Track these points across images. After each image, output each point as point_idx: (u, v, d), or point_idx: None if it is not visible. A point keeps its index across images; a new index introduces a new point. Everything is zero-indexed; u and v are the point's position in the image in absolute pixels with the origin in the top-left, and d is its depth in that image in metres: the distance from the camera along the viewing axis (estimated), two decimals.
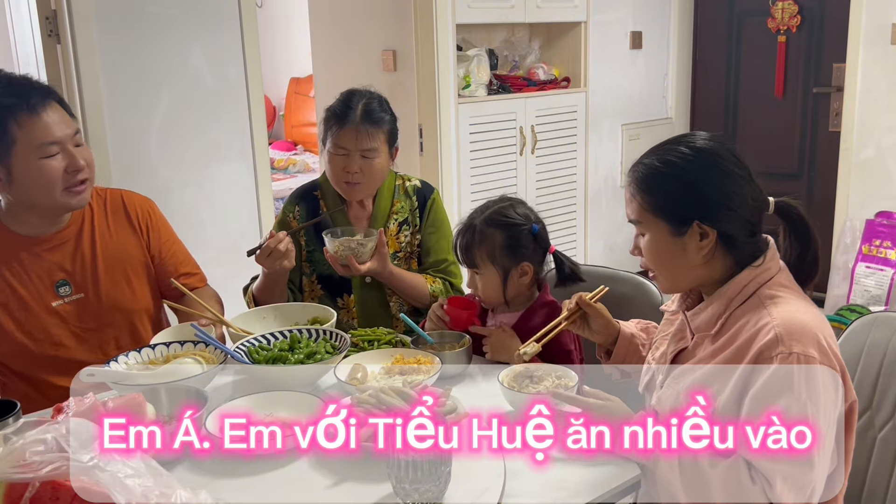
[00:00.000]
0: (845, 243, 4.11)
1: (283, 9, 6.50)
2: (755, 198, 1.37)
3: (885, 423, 1.60)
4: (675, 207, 1.35)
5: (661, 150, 1.40)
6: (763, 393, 1.25)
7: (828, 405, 1.25)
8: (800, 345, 1.24)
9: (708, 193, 1.34)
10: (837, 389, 1.27)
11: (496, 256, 1.82)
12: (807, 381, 1.23)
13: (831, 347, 1.28)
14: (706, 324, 1.38)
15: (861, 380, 1.64)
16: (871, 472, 1.61)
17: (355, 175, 2.10)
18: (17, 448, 0.91)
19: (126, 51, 2.94)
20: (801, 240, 1.41)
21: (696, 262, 1.36)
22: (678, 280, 1.41)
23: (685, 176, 1.35)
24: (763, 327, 1.28)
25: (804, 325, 1.27)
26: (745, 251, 1.36)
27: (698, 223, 1.33)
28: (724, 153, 1.36)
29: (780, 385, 1.23)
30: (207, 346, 1.74)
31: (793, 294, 1.35)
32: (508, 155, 4.05)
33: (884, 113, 4.00)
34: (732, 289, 1.35)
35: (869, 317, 1.68)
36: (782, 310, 1.30)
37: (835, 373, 1.26)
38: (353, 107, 2.10)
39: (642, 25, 4.60)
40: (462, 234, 1.87)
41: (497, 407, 1.61)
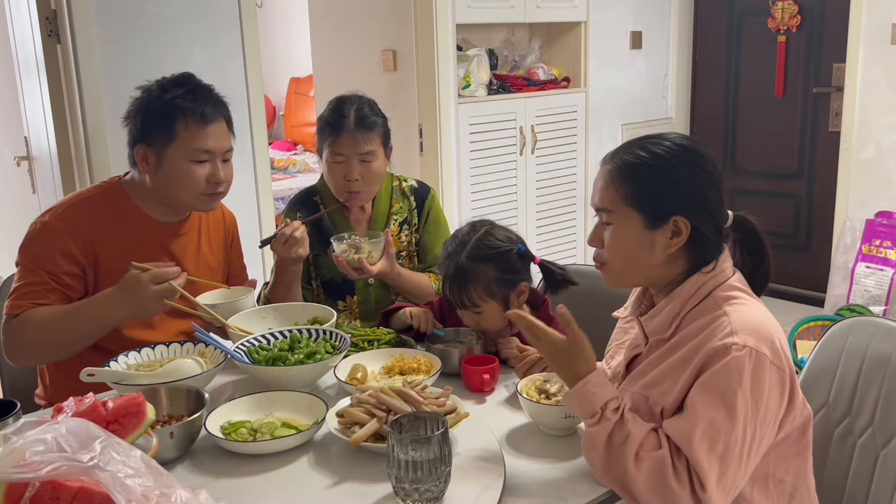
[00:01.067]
0: (845, 243, 4.11)
1: (283, 9, 6.50)
2: (723, 206, 1.38)
3: (865, 430, 1.59)
4: (655, 200, 1.34)
5: (644, 142, 1.39)
6: (712, 381, 1.25)
7: (770, 405, 1.25)
8: (754, 340, 1.25)
9: (689, 190, 1.34)
10: (783, 392, 1.27)
11: (493, 290, 1.76)
12: (754, 378, 1.23)
13: (784, 351, 1.29)
14: (661, 327, 1.37)
15: (840, 385, 1.63)
16: (850, 478, 1.60)
17: (356, 182, 2.12)
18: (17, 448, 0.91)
19: (126, 51, 2.94)
20: (755, 255, 1.43)
21: (660, 259, 1.36)
22: (631, 275, 1.40)
23: (671, 170, 1.34)
24: (719, 325, 1.29)
25: (760, 323, 1.28)
26: (705, 255, 1.36)
27: (675, 219, 1.33)
28: (706, 154, 1.37)
29: (730, 377, 1.23)
30: (207, 346, 1.74)
31: (748, 297, 1.35)
32: (508, 155, 4.05)
33: (884, 113, 4.00)
34: (687, 290, 1.35)
35: (847, 321, 1.67)
36: (738, 309, 1.31)
37: (783, 374, 1.27)
38: (346, 114, 2.12)
39: (642, 25, 4.60)
40: (450, 279, 1.78)
41: (498, 407, 1.61)
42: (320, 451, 1.43)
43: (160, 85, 1.90)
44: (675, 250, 1.35)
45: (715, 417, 1.22)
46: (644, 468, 1.23)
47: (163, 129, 1.85)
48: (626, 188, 1.35)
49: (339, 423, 1.42)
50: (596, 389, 1.30)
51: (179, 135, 1.85)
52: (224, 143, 1.92)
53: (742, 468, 1.24)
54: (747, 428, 1.23)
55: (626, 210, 1.35)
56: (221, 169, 1.92)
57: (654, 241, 1.35)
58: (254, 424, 1.46)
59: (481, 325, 1.81)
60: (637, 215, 1.35)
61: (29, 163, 3.43)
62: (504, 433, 1.49)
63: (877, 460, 1.56)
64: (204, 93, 1.90)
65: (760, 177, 4.71)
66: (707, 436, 1.22)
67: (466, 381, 1.69)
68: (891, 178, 4.04)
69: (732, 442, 1.22)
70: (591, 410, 1.28)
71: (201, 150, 1.87)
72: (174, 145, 1.85)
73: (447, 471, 1.23)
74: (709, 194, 1.35)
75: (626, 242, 1.36)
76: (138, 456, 0.97)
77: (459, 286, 1.77)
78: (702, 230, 1.34)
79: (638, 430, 1.26)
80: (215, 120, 1.89)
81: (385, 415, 1.39)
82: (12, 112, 3.54)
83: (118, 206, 1.92)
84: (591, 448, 1.27)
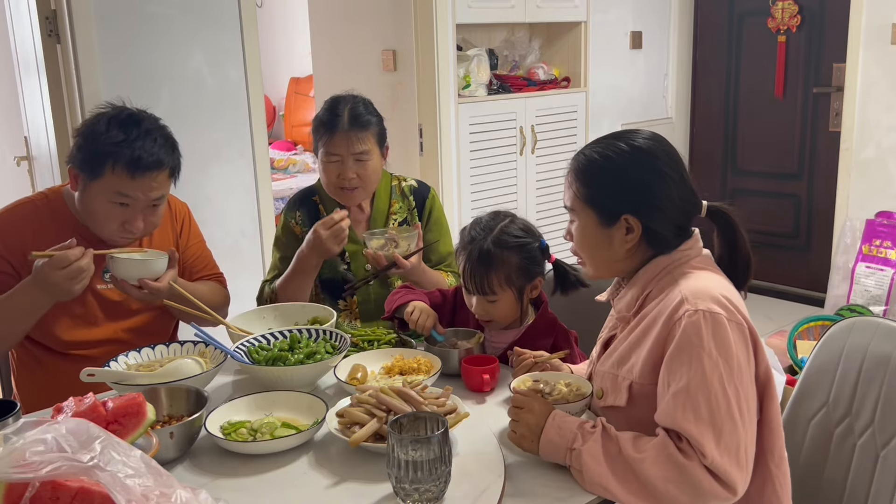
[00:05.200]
0: (845, 243, 4.11)
1: (283, 9, 6.50)
2: (686, 200, 1.41)
3: (865, 430, 1.59)
4: (607, 200, 1.41)
5: (602, 143, 1.44)
6: (676, 354, 1.28)
7: (741, 359, 1.28)
8: (703, 302, 1.29)
9: (638, 191, 1.39)
10: (747, 344, 1.31)
11: (513, 279, 1.76)
12: (715, 337, 1.26)
13: (736, 306, 1.32)
14: (626, 307, 1.44)
15: (840, 385, 1.63)
16: (850, 478, 1.60)
17: (352, 181, 2.12)
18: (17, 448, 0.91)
19: (126, 51, 2.94)
20: (729, 243, 1.46)
21: (620, 255, 1.42)
22: (602, 269, 1.47)
23: (620, 172, 1.40)
24: (671, 297, 1.34)
25: (707, 287, 1.33)
26: (666, 247, 1.41)
27: (626, 217, 1.38)
28: (661, 155, 1.41)
29: (690, 343, 1.26)
30: (207, 346, 1.75)
31: (707, 272, 1.39)
32: (508, 155, 4.05)
33: (884, 113, 4.00)
34: (650, 272, 1.41)
35: (847, 321, 1.67)
36: (691, 280, 1.36)
37: (742, 327, 1.30)
38: (340, 113, 2.12)
39: (642, 25, 4.60)
40: (471, 262, 1.76)
41: (498, 407, 1.61)
42: (320, 451, 1.43)
43: (109, 119, 1.84)
44: (632, 246, 1.41)
45: (688, 386, 1.25)
46: (649, 457, 1.24)
47: (93, 164, 1.81)
48: (582, 188, 1.43)
49: (339, 423, 1.42)
50: (566, 418, 1.35)
51: (105, 175, 1.80)
52: (152, 193, 1.84)
53: (740, 427, 1.25)
54: (727, 387, 1.25)
55: (584, 208, 1.43)
56: (143, 216, 1.86)
57: (611, 238, 1.41)
58: (254, 424, 1.46)
59: (491, 315, 1.80)
60: (593, 214, 1.42)
61: (29, 163, 3.44)
62: (504, 433, 1.49)
63: (877, 460, 1.56)
64: (146, 141, 1.82)
65: (760, 177, 4.71)
66: (688, 406, 1.24)
67: (466, 381, 1.69)
68: (891, 178, 4.04)
69: (715, 405, 1.24)
70: (570, 434, 1.31)
71: (123, 195, 1.82)
72: (98, 182, 1.81)
73: (447, 471, 1.23)
74: (658, 192, 1.38)
75: (587, 239, 1.44)
76: (138, 456, 0.97)
77: (482, 271, 1.75)
78: (653, 227, 1.39)
79: (624, 434, 1.30)
80: (149, 170, 1.81)
81: (385, 415, 1.39)
82: (12, 112, 3.54)
83: (55, 214, 1.92)
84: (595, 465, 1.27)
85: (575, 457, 1.30)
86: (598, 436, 1.30)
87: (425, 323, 1.83)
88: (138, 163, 1.79)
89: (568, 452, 1.31)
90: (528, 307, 1.84)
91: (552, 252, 1.83)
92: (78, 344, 1.92)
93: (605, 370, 1.44)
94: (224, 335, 1.85)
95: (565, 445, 1.31)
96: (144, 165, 1.80)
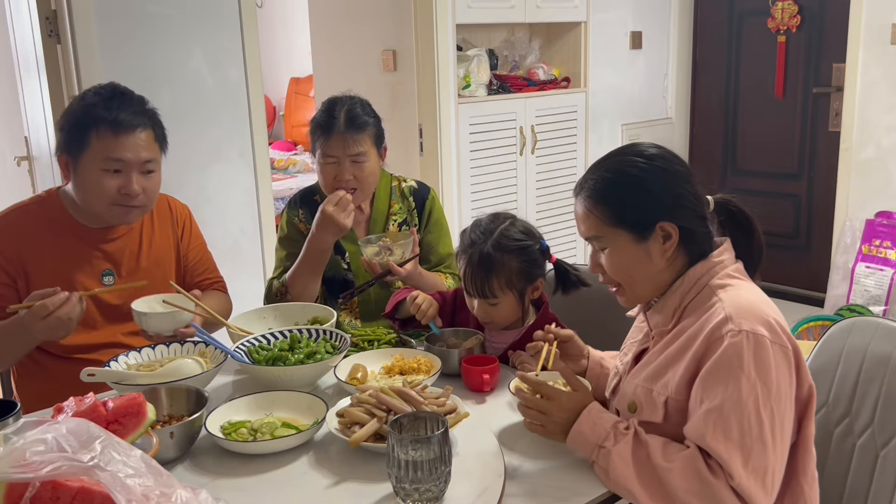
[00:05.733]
0: (845, 243, 4.11)
1: (283, 9, 6.50)
2: (700, 196, 1.41)
3: (865, 430, 1.59)
4: (636, 214, 1.38)
5: (608, 163, 1.43)
6: (713, 371, 1.26)
7: (781, 383, 1.26)
8: (749, 323, 1.27)
9: (665, 195, 1.37)
10: (790, 368, 1.28)
11: (514, 282, 1.76)
12: (756, 360, 1.24)
13: (782, 327, 1.30)
14: (664, 320, 1.41)
15: (840, 385, 1.63)
16: (850, 479, 1.60)
17: (349, 182, 2.12)
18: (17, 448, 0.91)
19: (126, 51, 2.94)
20: (744, 230, 1.45)
21: (661, 265, 1.39)
22: (645, 289, 1.42)
23: (642, 183, 1.38)
24: (713, 311, 1.31)
25: (752, 304, 1.30)
26: (701, 246, 1.40)
27: (661, 225, 1.36)
28: (671, 157, 1.41)
29: (731, 363, 1.25)
30: (207, 346, 1.75)
31: (744, 282, 1.38)
32: (508, 155, 4.05)
33: (884, 113, 4.00)
34: (686, 283, 1.38)
35: (847, 321, 1.67)
36: (731, 293, 1.33)
37: (786, 350, 1.28)
38: (336, 115, 2.11)
39: (642, 25, 4.60)
40: (472, 266, 1.76)
41: (498, 407, 1.61)
42: (320, 451, 1.43)
43: (83, 94, 1.88)
44: (672, 252, 1.38)
45: (722, 406, 1.23)
46: (676, 468, 1.24)
47: (78, 138, 1.82)
48: (605, 211, 1.39)
49: (339, 423, 1.42)
50: (603, 414, 1.34)
51: (91, 143, 1.81)
52: (141, 154, 1.84)
53: (770, 451, 1.24)
54: (762, 410, 1.23)
55: (613, 231, 1.39)
56: (137, 181, 1.85)
57: (649, 252, 1.38)
58: (254, 424, 1.46)
59: (492, 318, 1.80)
60: (624, 233, 1.38)
61: (29, 163, 3.43)
62: (504, 433, 1.49)
63: (877, 460, 1.56)
64: (123, 101, 1.84)
65: (760, 177, 4.71)
66: (718, 426, 1.23)
67: (466, 381, 1.69)
68: (891, 178, 4.04)
69: (747, 427, 1.22)
70: (603, 432, 1.31)
71: (112, 160, 1.81)
72: (87, 154, 1.81)
73: (447, 471, 1.23)
74: (682, 191, 1.38)
75: (625, 261, 1.40)
76: (138, 456, 0.97)
77: (483, 274, 1.75)
78: (688, 226, 1.37)
79: (655, 440, 1.29)
80: (131, 129, 1.82)
81: (385, 415, 1.39)
82: (12, 112, 3.54)
83: (51, 217, 1.91)
84: (622, 467, 1.27)
85: (603, 455, 1.30)
86: (630, 438, 1.30)
87: (427, 310, 1.85)
88: (120, 122, 1.81)
89: (596, 449, 1.31)
90: (529, 308, 1.84)
91: (553, 252, 1.83)
92: (78, 348, 1.91)
93: (639, 383, 1.40)
94: (224, 335, 1.86)
95: (596, 441, 1.31)
96: (127, 123, 1.82)
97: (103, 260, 1.95)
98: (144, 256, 2.01)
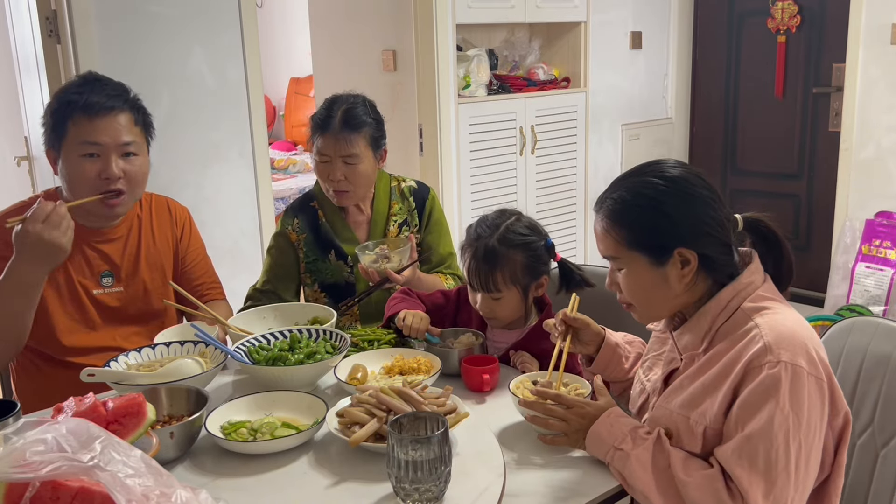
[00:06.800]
0: (845, 243, 4.11)
1: (283, 9, 6.50)
2: (728, 218, 1.37)
3: (865, 430, 1.59)
4: (654, 238, 1.34)
5: (628, 182, 1.39)
6: (749, 400, 1.24)
7: (812, 417, 1.24)
8: (788, 353, 1.24)
9: (685, 221, 1.33)
10: (824, 401, 1.26)
11: (518, 277, 1.76)
12: (792, 392, 1.22)
13: (820, 357, 1.28)
14: (693, 343, 1.37)
15: (840, 385, 1.62)
16: (850, 478, 1.60)
17: (340, 182, 2.11)
18: (17, 448, 0.91)
19: (126, 51, 2.94)
20: (774, 252, 1.41)
21: (679, 290, 1.36)
22: (661, 311, 1.41)
23: (660, 206, 1.33)
24: (752, 338, 1.28)
25: (793, 333, 1.27)
26: (723, 272, 1.36)
27: (679, 251, 1.32)
28: (694, 179, 1.36)
29: (767, 393, 1.23)
30: (207, 346, 1.74)
31: (778, 304, 1.34)
32: (508, 155, 4.05)
33: (884, 113, 4.00)
34: (715, 306, 1.34)
35: (847, 321, 1.67)
36: (769, 319, 1.29)
37: (821, 382, 1.26)
38: (334, 114, 2.11)
39: (642, 25, 4.60)
40: (477, 259, 1.76)
41: (498, 407, 1.61)
42: (320, 451, 1.43)
43: (62, 86, 1.88)
44: (690, 278, 1.34)
45: (752, 435, 1.22)
46: (694, 483, 1.23)
47: (57, 128, 1.82)
48: (622, 233, 1.35)
49: (339, 423, 1.42)
50: (621, 418, 1.34)
51: (69, 130, 1.81)
52: (119, 136, 1.83)
53: (793, 483, 1.23)
54: (790, 442, 1.22)
55: (631, 253, 1.36)
56: (116, 164, 1.83)
57: (666, 277, 1.34)
58: (254, 424, 1.46)
59: (495, 313, 1.80)
60: (642, 256, 1.35)
61: (29, 163, 3.43)
62: (504, 433, 1.49)
63: (877, 460, 1.56)
64: (96, 86, 1.84)
65: (760, 177, 4.71)
66: (745, 454, 1.22)
67: (466, 381, 1.69)
68: (891, 178, 4.04)
69: (774, 458, 1.21)
70: (620, 435, 1.31)
71: (88, 143, 1.80)
72: (66, 143, 1.81)
73: (447, 471, 1.23)
74: (705, 217, 1.33)
75: (641, 283, 1.37)
76: (138, 456, 0.97)
77: (487, 268, 1.75)
78: (708, 254, 1.33)
79: (677, 452, 1.28)
80: (105, 111, 1.81)
81: (385, 415, 1.38)
82: (12, 112, 3.54)
83: None
84: (641, 473, 1.27)
85: (619, 458, 1.30)
86: (651, 444, 1.29)
87: (419, 327, 1.82)
88: (92, 106, 1.80)
89: (612, 451, 1.31)
90: (531, 307, 1.84)
91: (557, 251, 1.83)
92: (77, 350, 1.90)
93: (674, 410, 1.35)
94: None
95: (612, 443, 1.31)
96: (99, 106, 1.81)
97: (102, 261, 1.95)
98: (143, 257, 2.00)
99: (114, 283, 1.96)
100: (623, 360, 1.61)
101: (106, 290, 1.94)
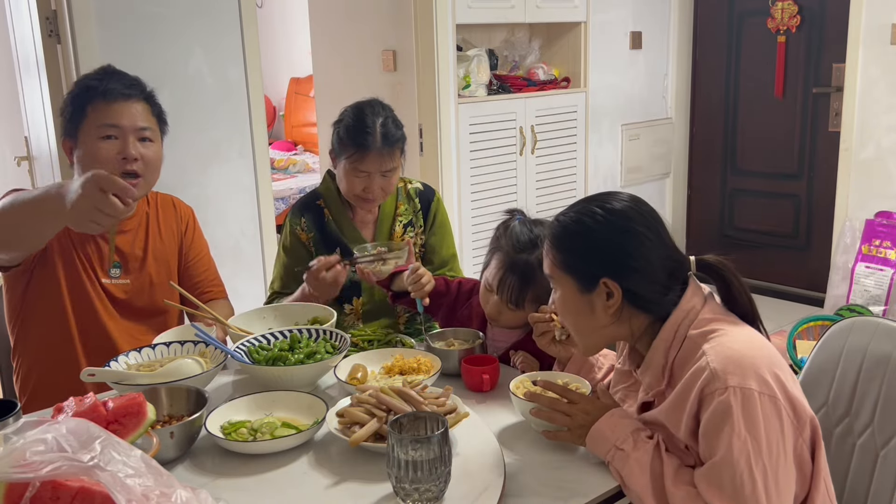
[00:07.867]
0: (845, 243, 4.11)
1: (283, 9, 6.50)
2: (668, 258, 1.36)
3: (865, 430, 1.59)
4: (583, 265, 1.37)
5: (577, 206, 1.42)
6: (707, 429, 1.25)
7: (771, 436, 1.23)
8: (736, 377, 1.23)
9: (614, 254, 1.35)
10: (781, 417, 1.24)
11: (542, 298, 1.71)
12: (745, 415, 1.21)
13: (774, 373, 1.26)
14: (655, 380, 1.37)
15: (839, 385, 1.63)
16: (850, 478, 1.60)
17: (377, 193, 2.12)
18: (17, 448, 0.91)
19: (126, 51, 2.94)
20: (727, 295, 1.40)
21: (604, 321, 1.37)
22: (591, 339, 1.42)
23: (594, 236, 1.36)
24: (700, 367, 1.27)
25: (740, 356, 1.26)
26: (656, 310, 1.36)
27: (604, 281, 1.34)
28: (634, 215, 1.36)
29: (721, 420, 1.22)
30: (207, 346, 1.75)
31: (724, 324, 1.33)
32: (508, 155, 4.05)
33: (884, 113, 4.00)
34: (664, 340, 1.35)
35: (847, 321, 1.67)
36: (716, 344, 1.28)
37: (775, 400, 1.24)
38: (371, 129, 2.06)
39: (642, 25, 4.60)
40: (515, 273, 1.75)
41: (498, 407, 1.61)
42: (320, 451, 1.43)
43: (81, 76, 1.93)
44: (615, 310, 1.36)
45: (715, 463, 1.23)
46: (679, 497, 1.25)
47: (75, 115, 1.87)
48: (558, 255, 1.40)
49: (339, 423, 1.42)
50: (625, 418, 1.35)
51: (88, 114, 1.86)
52: (136, 121, 1.89)
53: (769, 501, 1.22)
54: (754, 467, 1.21)
55: (563, 275, 1.40)
56: (134, 146, 1.88)
57: (592, 305, 1.37)
58: (254, 424, 1.46)
59: (503, 319, 1.81)
60: (572, 281, 1.38)
61: (29, 163, 3.43)
62: (504, 433, 1.49)
63: (876, 460, 1.56)
64: (115, 75, 1.92)
65: (760, 177, 4.71)
66: (713, 481, 1.22)
67: (466, 381, 1.69)
68: (891, 178, 4.04)
69: (739, 484, 1.21)
70: (622, 435, 1.31)
71: (107, 125, 1.85)
72: (84, 126, 1.86)
73: (447, 471, 1.23)
74: (634, 253, 1.34)
75: (570, 308, 1.41)
76: (138, 456, 0.97)
77: (521, 284, 1.74)
78: (633, 289, 1.34)
79: (671, 460, 1.29)
80: (123, 98, 1.88)
81: (385, 415, 1.39)
82: (12, 112, 3.54)
83: None
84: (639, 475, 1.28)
85: (619, 458, 1.30)
86: (650, 448, 1.30)
87: (425, 286, 1.86)
88: (111, 91, 1.87)
89: (613, 450, 1.31)
90: None
91: None
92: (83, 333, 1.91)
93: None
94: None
95: (613, 442, 1.32)
96: (118, 92, 1.87)
97: (112, 251, 1.96)
98: (150, 251, 2.02)
99: (121, 274, 1.97)
100: (595, 370, 1.63)
101: (113, 280, 1.96)
